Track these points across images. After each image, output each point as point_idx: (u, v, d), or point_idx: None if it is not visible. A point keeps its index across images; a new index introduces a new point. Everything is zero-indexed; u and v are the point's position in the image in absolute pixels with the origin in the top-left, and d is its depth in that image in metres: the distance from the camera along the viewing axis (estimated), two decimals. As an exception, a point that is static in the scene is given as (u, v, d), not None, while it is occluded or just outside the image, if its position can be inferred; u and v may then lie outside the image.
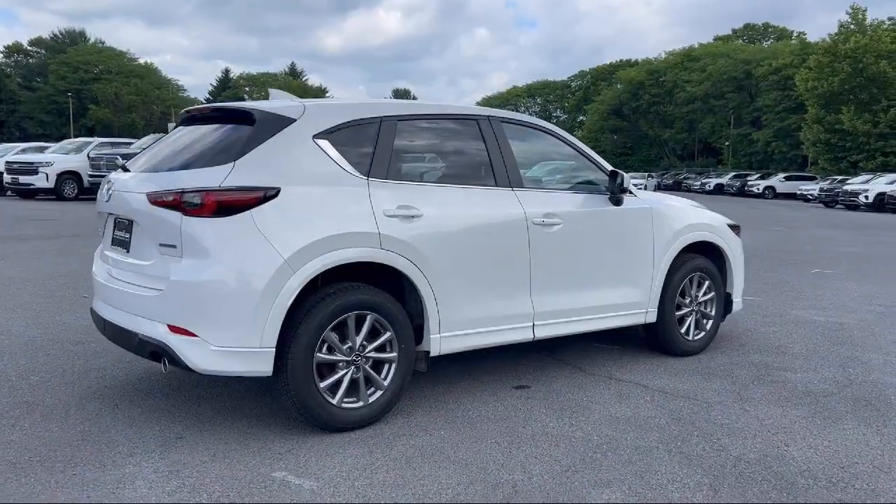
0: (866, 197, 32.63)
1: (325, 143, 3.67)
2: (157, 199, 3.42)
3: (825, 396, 4.35)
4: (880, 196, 31.85)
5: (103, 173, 20.43)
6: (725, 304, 5.48)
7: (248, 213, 3.35)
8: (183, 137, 3.96)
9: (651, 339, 5.18)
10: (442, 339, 3.93)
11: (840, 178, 41.40)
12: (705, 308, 5.31)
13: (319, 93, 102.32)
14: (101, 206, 4.06)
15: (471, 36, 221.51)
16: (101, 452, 3.35)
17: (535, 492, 3.01)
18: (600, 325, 4.70)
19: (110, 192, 3.81)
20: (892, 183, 33.55)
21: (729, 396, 4.31)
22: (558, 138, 4.74)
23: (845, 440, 3.66)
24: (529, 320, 4.28)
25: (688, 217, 5.19)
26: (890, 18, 51.89)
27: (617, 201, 4.70)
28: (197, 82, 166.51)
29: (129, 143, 23.78)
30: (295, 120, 3.64)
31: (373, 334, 3.71)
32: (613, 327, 4.83)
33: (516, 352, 5.06)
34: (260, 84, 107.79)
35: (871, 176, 36.84)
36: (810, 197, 39.80)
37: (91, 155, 21.68)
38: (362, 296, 3.62)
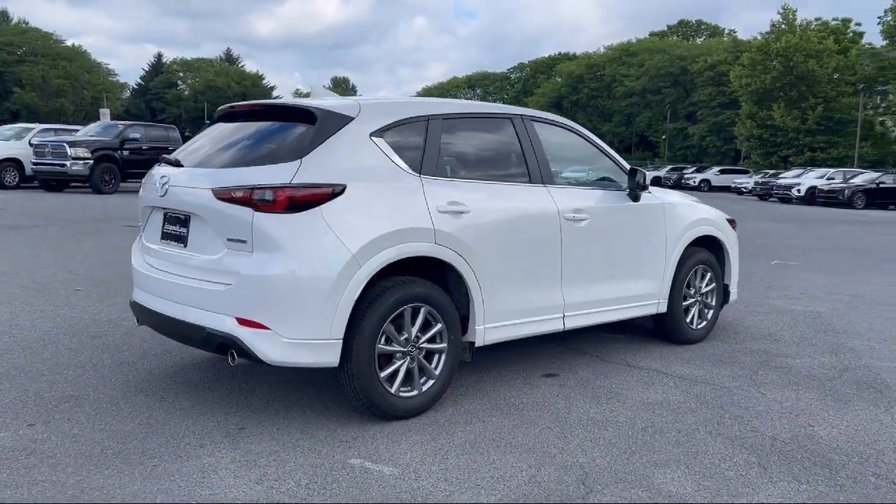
0: (798, 191, 34.17)
1: (380, 142, 3.78)
2: (224, 196, 3.47)
3: (828, 381, 4.69)
4: (811, 190, 33.44)
5: (49, 161, 19.79)
6: (724, 294, 5.80)
7: (317, 209, 3.44)
8: (233, 133, 4.00)
9: (660, 329, 5.46)
10: (486, 330, 4.09)
11: (772, 171, 43.20)
12: (707, 299, 5.62)
13: (257, 79, 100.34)
14: (149, 200, 4.07)
15: (409, 25, 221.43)
16: (169, 444, 3.40)
17: (604, 473, 3.21)
18: (620, 316, 4.94)
19: (165, 186, 3.83)
20: (821, 177, 35.27)
21: (743, 381, 4.61)
22: (580, 135, 4.95)
23: (860, 420, 3.98)
24: (560, 311, 4.48)
25: (694, 212, 5.48)
26: (817, 19, 54.18)
27: (635, 197, 4.94)
28: (124, 66, 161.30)
29: (75, 130, 23.06)
30: (353, 118, 3.73)
31: (424, 326, 3.84)
32: (631, 318, 5.08)
33: (533, 342, 5.25)
34: (195, 69, 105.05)
35: (802, 170, 38.54)
36: (744, 190, 41.37)
37: (33, 142, 20.91)
38: (418, 289, 3.75)
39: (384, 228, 3.59)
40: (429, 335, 3.85)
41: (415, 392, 3.81)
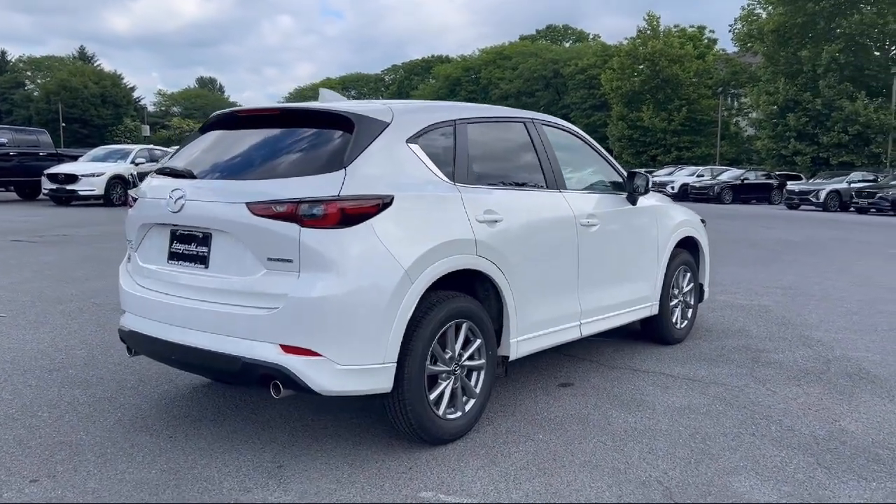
0: (672, 188, 36.08)
1: (416, 148, 3.54)
2: (264, 211, 3.12)
3: (821, 374, 4.86)
4: (684, 186, 35.47)
5: None
6: (699, 293, 5.93)
7: (368, 222, 3.16)
8: (247, 140, 3.62)
9: (648, 330, 5.48)
10: (518, 343, 3.94)
11: (643, 170, 45.49)
12: (687, 298, 5.71)
13: (116, 79, 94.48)
14: (151, 216, 3.60)
15: (274, 23, 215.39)
16: (210, 492, 3.02)
17: (686, 486, 3.13)
18: (624, 320, 4.91)
19: (181, 201, 3.39)
20: (692, 175, 37.48)
21: (748, 380, 4.68)
22: (582, 140, 4.88)
23: (875, 412, 4.12)
24: (577, 319, 4.39)
25: (679, 214, 5.55)
26: (676, 26, 57.45)
27: (633, 201, 4.93)
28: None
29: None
30: (388, 124, 3.46)
31: (464, 342, 3.64)
32: (631, 321, 5.07)
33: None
34: (45, 68, 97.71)
35: (674, 168, 40.77)
36: (620, 188, 43.29)
37: None
38: (461, 304, 3.54)
39: (433, 241, 3.35)
40: (469, 352, 3.65)
41: (459, 413, 3.59)
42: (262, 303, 3.15)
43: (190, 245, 3.44)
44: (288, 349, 3.09)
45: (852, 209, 27.89)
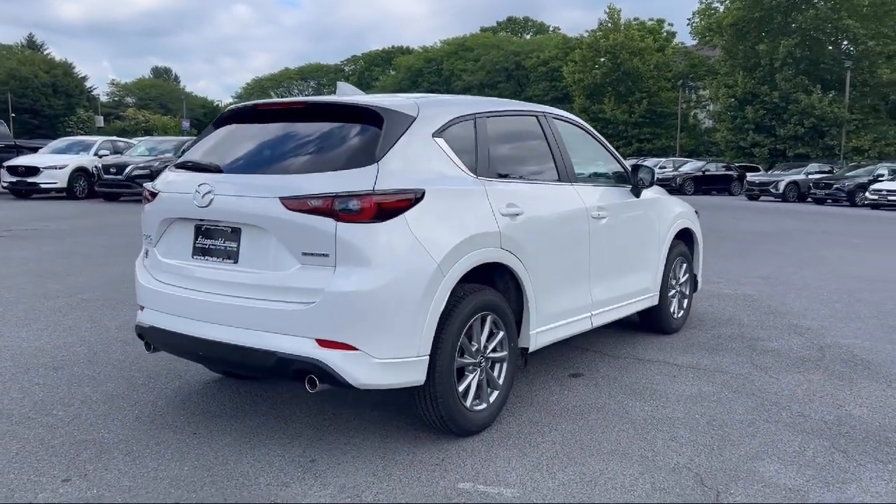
0: (636, 179, 36.62)
1: (441, 142, 3.55)
2: (299, 205, 3.10)
3: (818, 361, 5.01)
4: (647, 178, 35.97)
5: None
6: (693, 283, 6.05)
7: (402, 216, 3.17)
8: (272, 134, 3.59)
9: (647, 321, 5.57)
10: (537, 335, 3.99)
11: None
12: (684, 289, 5.83)
13: (68, 68, 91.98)
14: (175, 211, 3.54)
15: (230, 12, 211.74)
16: (250, 487, 3.01)
17: (715, 473, 3.21)
18: (629, 311, 5.00)
19: (209, 195, 3.34)
20: (654, 167, 38.02)
21: (750, 368, 4.81)
22: (588, 133, 4.94)
23: (877, 397, 4.27)
24: (589, 310, 4.46)
25: (676, 206, 5.66)
26: (636, 19, 58.12)
27: (637, 193, 5.01)
28: None
29: None
30: (415, 118, 3.47)
31: (488, 335, 3.67)
32: (635, 312, 5.16)
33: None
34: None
35: (636, 160, 41.29)
36: (583, 180, 43.72)
37: None
38: (487, 297, 3.57)
39: (462, 234, 3.38)
40: (493, 344, 3.69)
41: (484, 405, 3.63)
42: (297, 297, 3.14)
43: (217, 240, 3.41)
44: (324, 343, 3.09)
45: (810, 200, 28.62)
